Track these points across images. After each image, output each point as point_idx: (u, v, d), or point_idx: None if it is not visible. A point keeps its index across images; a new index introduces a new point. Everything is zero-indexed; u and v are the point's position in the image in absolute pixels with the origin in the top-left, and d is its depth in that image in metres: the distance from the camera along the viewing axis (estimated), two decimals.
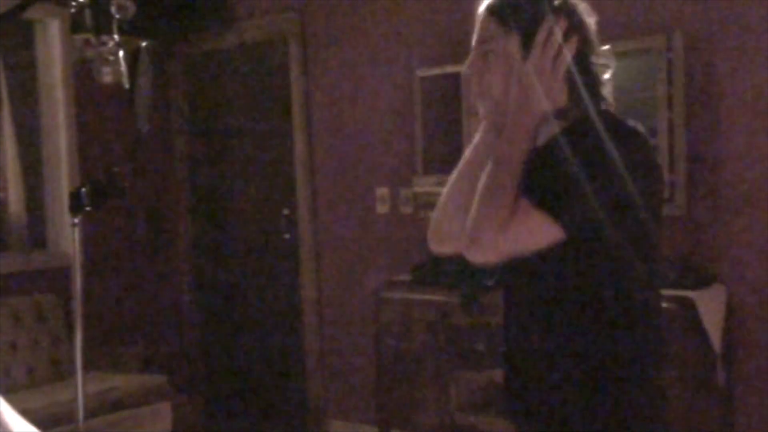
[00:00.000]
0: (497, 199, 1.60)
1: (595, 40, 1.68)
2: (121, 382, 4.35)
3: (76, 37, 4.02)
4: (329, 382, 4.87)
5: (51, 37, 4.84)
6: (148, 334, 5.23)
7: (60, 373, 4.46)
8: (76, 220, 2.96)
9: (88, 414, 3.34)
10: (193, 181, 5.49)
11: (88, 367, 3.23)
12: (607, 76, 1.69)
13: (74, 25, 4.23)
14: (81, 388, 2.99)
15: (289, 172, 4.99)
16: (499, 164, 1.63)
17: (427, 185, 4.28)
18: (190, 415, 5.23)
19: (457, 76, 4.21)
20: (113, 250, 5.09)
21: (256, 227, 5.26)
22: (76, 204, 2.92)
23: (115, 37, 3.76)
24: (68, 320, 4.39)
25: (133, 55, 4.46)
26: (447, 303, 3.85)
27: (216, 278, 5.45)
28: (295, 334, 5.03)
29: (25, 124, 4.86)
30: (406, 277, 4.20)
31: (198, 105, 5.46)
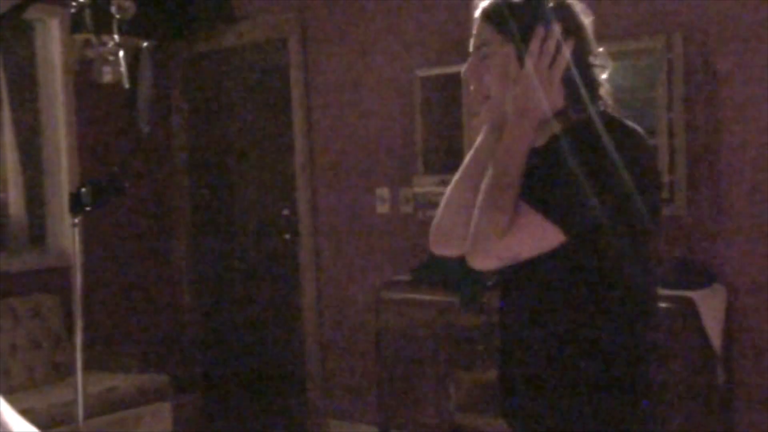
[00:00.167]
0: (498, 205, 1.60)
1: (592, 41, 1.67)
2: (121, 382, 4.35)
3: (76, 37, 4.02)
4: (329, 382, 4.87)
5: (51, 37, 4.84)
6: (148, 334, 5.23)
7: (60, 373, 4.46)
8: (76, 220, 2.96)
9: (88, 414, 3.34)
10: (193, 182, 5.49)
11: (88, 367, 3.23)
12: (604, 76, 1.69)
13: (74, 25, 4.23)
14: (81, 388, 2.99)
15: (289, 172, 4.99)
16: (498, 169, 1.63)
17: (427, 185, 4.28)
18: (190, 415, 5.24)
19: (457, 76, 4.18)
20: (113, 250, 5.09)
21: (256, 227, 5.26)
22: (76, 204, 2.92)
23: (115, 37, 3.76)
24: (68, 320, 4.38)
25: (133, 55, 4.46)
26: (447, 303, 3.84)
27: (216, 278, 5.45)
28: (295, 335, 5.03)
29: (25, 124, 4.86)
30: (406, 277, 4.20)
31: (198, 105, 5.46)
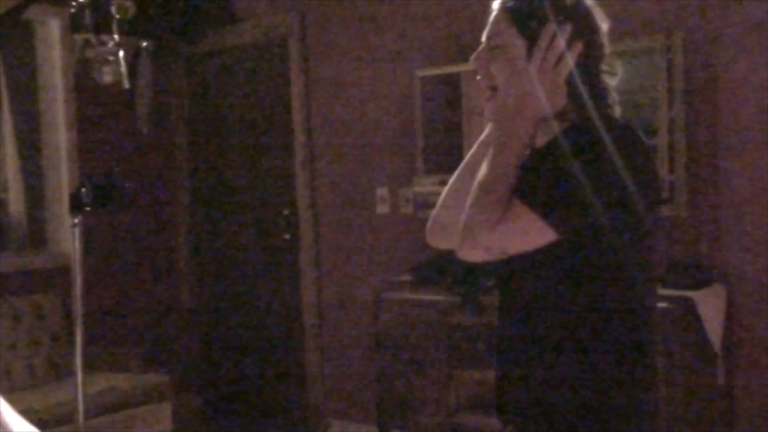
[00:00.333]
0: (489, 198, 1.60)
1: (605, 46, 1.67)
2: (121, 382, 4.35)
3: (76, 37, 4.03)
4: (329, 382, 4.86)
5: (51, 37, 4.83)
6: (148, 334, 5.23)
7: (60, 373, 4.46)
8: (76, 220, 2.96)
9: (88, 414, 3.35)
10: (193, 181, 5.49)
11: (88, 367, 3.23)
12: (613, 83, 1.69)
13: (74, 25, 4.24)
14: (81, 388, 2.99)
15: (289, 172, 4.99)
16: (493, 163, 1.63)
17: (427, 185, 4.27)
18: (190, 415, 5.24)
19: (457, 76, 4.22)
20: (113, 250, 5.09)
21: (256, 227, 5.26)
22: (76, 204, 2.92)
23: (115, 37, 3.76)
24: (68, 320, 4.38)
25: (133, 55, 4.46)
26: (447, 303, 3.84)
27: (216, 278, 5.45)
28: (295, 334, 5.03)
29: (25, 124, 4.86)
30: (406, 277, 4.20)
31: (198, 105, 5.46)
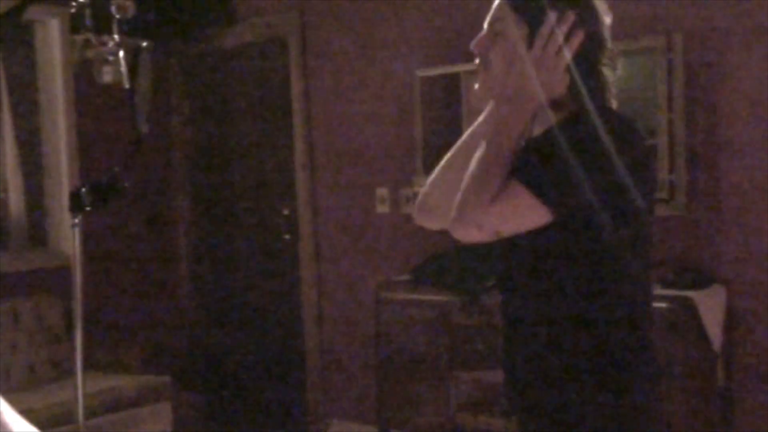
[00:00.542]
0: (485, 178, 1.60)
1: (607, 38, 1.68)
2: (121, 382, 4.35)
3: (76, 37, 4.02)
4: (329, 382, 4.87)
5: (51, 37, 4.83)
6: (149, 334, 5.23)
7: (60, 373, 4.46)
8: (76, 220, 2.96)
9: (88, 414, 3.35)
10: (193, 182, 5.49)
11: (88, 367, 3.23)
12: (613, 77, 1.69)
13: (74, 25, 4.23)
14: (81, 388, 2.99)
15: (289, 172, 4.99)
16: (490, 145, 1.64)
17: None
18: (190, 415, 5.24)
19: (457, 76, 4.22)
20: (113, 250, 5.09)
21: (256, 227, 5.26)
22: (76, 204, 2.92)
23: (115, 37, 3.76)
24: (68, 320, 4.39)
25: (133, 55, 4.46)
26: (447, 303, 3.84)
27: (216, 278, 5.45)
28: (295, 334, 5.03)
29: (25, 124, 4.86)
30: (406, 277, 4.20)
31: (198, 105, 5.46)
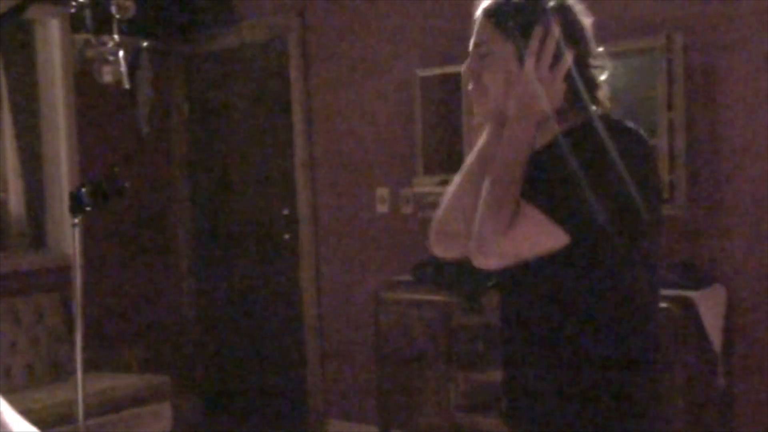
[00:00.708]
0: (499, 205, 1.59)
1: (592, 42, 1.67)
2: (121, 382, 4.35)
3: (76, 37, 4.02)
4: (329, 382, 4.86)
5: (51, 37, 4.83)
6: (148, 334, 5.23)
7: (60, 373, 4.46)
8: (76, 220, 2.96)
9: (88, 414, 3.34)
10: (193, 182, 5.49)
11: (88, 367, 3.23)
12: (603, 78, 1.69)
13: (74, 25, 4.23)
14: (81, 388, 2.99)
15: (289, 172, 4.99)
16: (499, 169, 1.62)
17: (427, 185, 4.27)
18: (190, 415, 5.24)
19: (457, 76, 4.20)
20: (113, 250, 5.09)
21: (256, 227, 5.26)
22: (76, 204, 2.92)
23: (115, 37, 3.76)
24: (68, 320, 4.38)
25: (133, 55, 4.47)
26: (447, 303, 3.84)
27: (216, 278, 5.45)
28: (295, 334, 5.03)
29: (25, 124, 4.86)
30: (406, 277, 4.20)
31: (198, 105, 5.46)
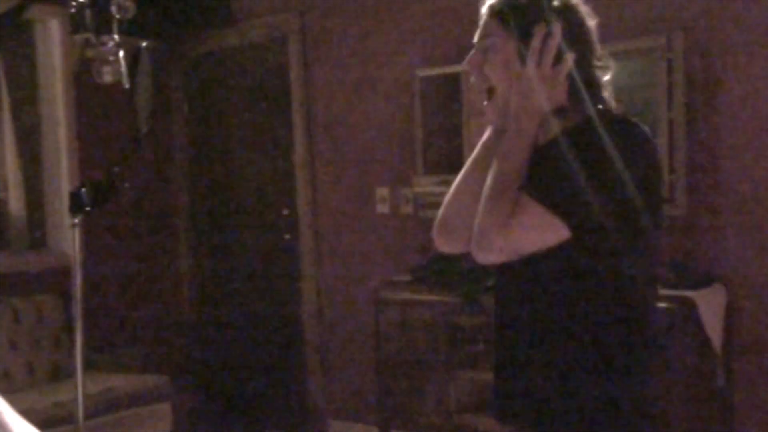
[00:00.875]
0: (501, 200, 1.60)
1: (595, 42, 1.68)
2: (121, 382, 4.35)
3: (76, 37, 4.02)
4: (329, 382, 4.87)
5: (51, 37, 4.84)
6: (148, 334, 5.23)
7: (60, 373, 4.46)
8: (76, 220, 2.96)
9: (88, 414, 3.34)
10: (193, 181, 5.50)
11: (88, 367, 3.23)
12: (606, 78, 1.69)
13: (74, 25, 4.23)
14: (81, 388, 2.98)
15: (289, 172, 4.99)
16: (501, 166, 1.63)
17: (427, 185, 4.28)
18: (190, 415, 5.24)
19: (457, 76, 4.22)
20: (113, 250, 5.09)
21: (256, 227, 5.26)
22: (76, 204, 2.92)
23: (115, 37, 3.76)
24: (68, 320, 4.39)
25: (133, 55, 4.46)
26: (447, 303, 3.84)
27: (216, 278, 5.45)
28: (295, 335, 5.03)
29: (25, 124, 4.86)
30: (406, 277, 4.20)
31: (198, 105, 5.46)
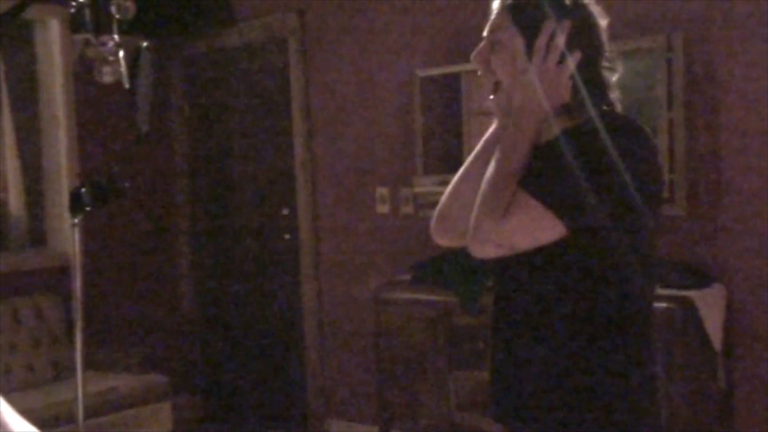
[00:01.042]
0: (499, 195, 1.60)
1: (605, 42, 1.68)
2: (121, 382, 4.35)
3: (76, 37, 4.02)
4: (329, 382, 4.87)
5: (51, 37, 4.84)
6: (148, 334, 5.23)
7: (60, 373, 4.46)
8: (76, 220, 2.96)
9: (88, 414, 3.35)
10: (193, 181, 5.49)
11: (88, 367, 3.24)
12: (614, 79, 1.69)
13: (74, 25, 4.23)
14: (81, 388, 2.99)
15: (289, 172, 4.99)
16: (501, 160, 1.63)
17: (427, 185, 4.28)
18: (190, 415, 5.24)
19: (457, 76, 4.22)
20: (113, 250, 5.09)
21: (256, 227, 5.26)
22: (76, 204, 2.92)
23: (115, 37, 3.76)
24: (68, 320, 4.39)
25: (133, 55, 4.46)
26: (447, 303, 3.84)
27: (216, 278, 5.45)
28: (295, 335, 5.03)
29: (25, 124, 4.86)
30: (406, 277, 4.20)
31: (198, 105, 5.46)
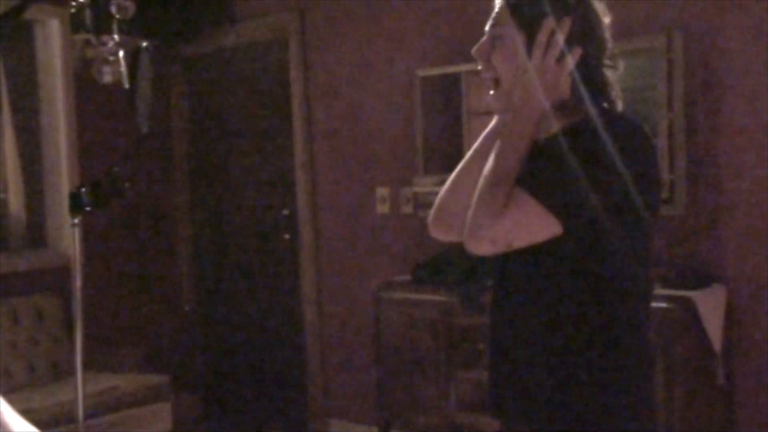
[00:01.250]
0: (496, 191, 1.60)
1: (607, 40, 1.68)
2: (121, 382, 4.35)
3: (76, 37, 4.02)
4: (329, 382, 4.87)
5: (51, 37, 4.84)
6: (148, 334, 5.23)
7: (60, 373, 4.46)
8: (76, 220, 2.96)
9: (88, 414, 3.35)
10: (193, 182, 5.50)
11: (88, 367, 3.23)
12: (615, 77, 1.69)
13: (74, 25, 4.23)
14: (81, 388, 2.99)
15: (289, 172, 4.99)
16: (499, 156, 1.63)
17: (427, 185, 4.27)
18: (190, 415, 5.24)
19: (457, 76, 4.22)
20: (113, 250, 5.09)
21: (256, 227, 5.26)
22: (76, 204, 2.92)
23: (115, 37, 3.76)
24: (68, 320, 4.39)
25: (133, 55, 4.46)
26: (447, 303, 3.84)
27: (216, 278, 5.45)
28: (295, 334, 5.03)
29: (25, 124, 4.86)
30: (406, 277, 4.20)
31: (198, 105, 5.46)
